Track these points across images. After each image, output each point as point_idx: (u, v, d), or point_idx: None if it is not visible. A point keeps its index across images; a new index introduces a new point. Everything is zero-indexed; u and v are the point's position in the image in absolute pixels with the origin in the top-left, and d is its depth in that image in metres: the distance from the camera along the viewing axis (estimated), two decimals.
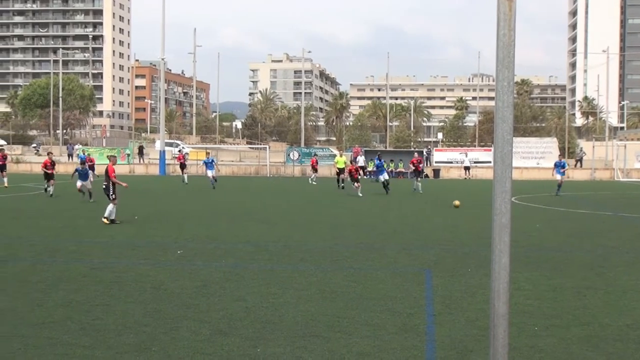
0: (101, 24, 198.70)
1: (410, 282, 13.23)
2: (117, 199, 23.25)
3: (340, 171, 45.90)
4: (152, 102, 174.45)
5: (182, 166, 55.44)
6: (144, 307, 10.84)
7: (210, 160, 47.26)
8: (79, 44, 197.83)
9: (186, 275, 13.71)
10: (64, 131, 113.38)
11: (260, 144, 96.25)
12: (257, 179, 60.78)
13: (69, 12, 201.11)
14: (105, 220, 22.58)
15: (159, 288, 12.37)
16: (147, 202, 32.36)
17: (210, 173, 45.60)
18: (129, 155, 70.41)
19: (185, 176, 52.91)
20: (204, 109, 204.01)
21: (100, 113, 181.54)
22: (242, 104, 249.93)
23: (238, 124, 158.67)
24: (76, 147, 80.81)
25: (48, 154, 37.68)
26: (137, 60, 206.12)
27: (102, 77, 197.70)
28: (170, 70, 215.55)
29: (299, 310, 10.72)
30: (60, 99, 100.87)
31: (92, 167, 38.74)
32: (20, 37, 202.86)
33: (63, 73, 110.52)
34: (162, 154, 65.58)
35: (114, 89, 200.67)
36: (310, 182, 52.63)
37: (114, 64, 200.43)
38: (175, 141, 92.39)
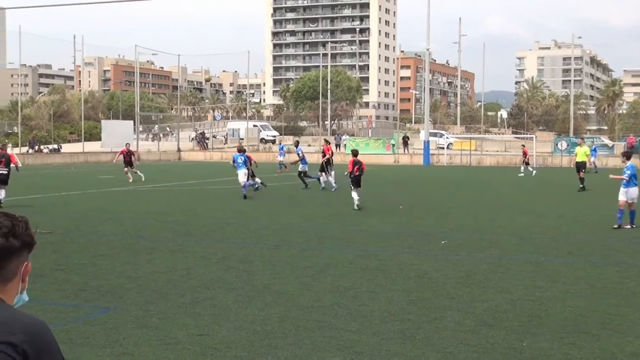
0: (368, 17, 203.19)
1: None
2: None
3: (579, 166, 33.95)
4: (417, 92, 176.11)
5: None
6: (408, 296, 10.95)
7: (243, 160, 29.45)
8: (347, 37, 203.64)
9: (450, 265, 13.68)
10: (332, 122, 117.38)
11: (527, 134, 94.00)
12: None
13: (337, 7, 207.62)
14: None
15: (423, 277, 12.44)
16: (412, 191, 32.67)
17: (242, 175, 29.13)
18: (393, 145, 71.42)
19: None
20: (468, 99, 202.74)
21: (366, 104, 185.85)
22: (507, 93, 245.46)
23: (503, 113, 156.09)
24: (343, 137, 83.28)
25: (126, 144, 40.29)
26: (402, 52, 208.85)
27: (368, 69, 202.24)
28: (434, 60, 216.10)
29: (567, 305, 10.34)
30: (329, 91, 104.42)
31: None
32: (292, 33, 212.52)
33: (331, 66, 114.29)
34: (427, 144, 65.86)
35: (379, 80, 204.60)
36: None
37: (379, 55, 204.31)
38: (440, 131, 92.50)
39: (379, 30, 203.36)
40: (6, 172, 24.32)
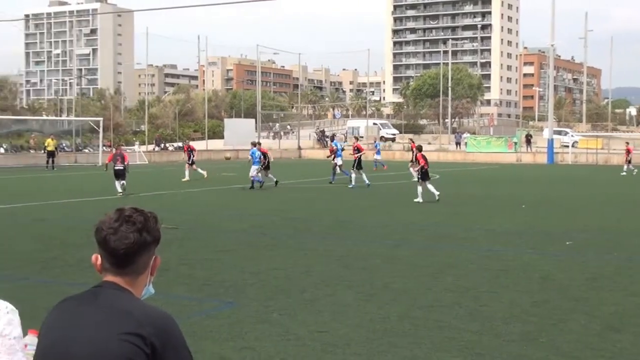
0: (490, 13, 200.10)
1: None
2: None
3: None
4: (540, 89, 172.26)
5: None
6: (531, 297, 10.71)
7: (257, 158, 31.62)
8: (468, 34, 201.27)
9: (575, 266, 13.31)
10: (453, 120, 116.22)
11: None
12: None
13: (458, 3, 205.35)
14: None
15: (547, 278, 12.14)
16: (535, 190, 31.98)
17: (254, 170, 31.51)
18: (516, 143, 70.05)
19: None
20: (594, 96, 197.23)
21: (488, 102, 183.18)
22: (636, 90, 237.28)
23: (632, 110, 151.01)
24: (464, 135, 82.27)
25: (184, 142, 40.55)
26: (525, 48, 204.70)
27: (489, 66, 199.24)
28: (559, 56, 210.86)
29: None
30: (449, 88, 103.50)
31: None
32: (412, 30, 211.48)
33: (452, 63, 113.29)
34: (550, 142, 64.33)
35: (501, 77, 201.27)
36: None
37: (501, 52, 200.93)
38: (564, 129, 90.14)
39: (501, 27, 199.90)
40: (122, 167, 28.00)
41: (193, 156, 37.82)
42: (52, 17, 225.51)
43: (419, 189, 25.74)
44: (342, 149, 36.77)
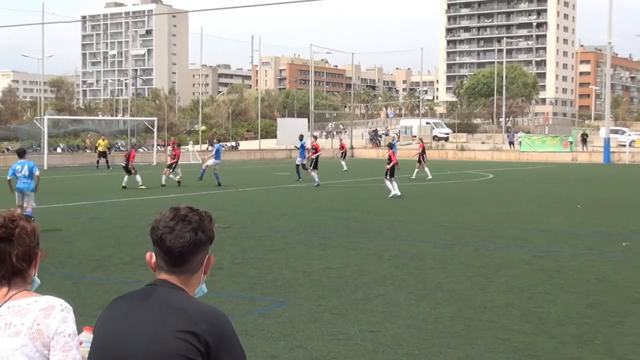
0: (545, 10, 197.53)
1: None
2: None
3: None
4: (597, 88, 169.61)
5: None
6: (587, 299, 10.56)
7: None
8: (523, 32, 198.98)
9: (632, 268, 13.09)
10: (507, 119, 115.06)
11: None
12: None
13: (513, 1, 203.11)
14: None
15: (603, 280, 11.96)
16: (591, 190, 31.52)
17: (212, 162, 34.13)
18: (571, 143, 69.07)
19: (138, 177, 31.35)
20: None
21: (543, 100, 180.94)
22: None
23: None
24: (518, 135, 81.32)
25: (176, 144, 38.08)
26: (581, 46, 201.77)
27: (545, 65, 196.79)
28: (616, 54, 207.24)
29: None
30: (504, 87, 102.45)
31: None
32: (466, 29, 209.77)
33: (507, 62, 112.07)
34: (607, 141, 63.31)
35: (557, 75, 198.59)
36: None
37: (557, 50, 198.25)
38: (621, 128, 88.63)
39: (557, 24, 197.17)
40: (124, 164, 31.64)
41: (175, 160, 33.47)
42: (109, 18, 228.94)
43: (388, 184, 27.07)
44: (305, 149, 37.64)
